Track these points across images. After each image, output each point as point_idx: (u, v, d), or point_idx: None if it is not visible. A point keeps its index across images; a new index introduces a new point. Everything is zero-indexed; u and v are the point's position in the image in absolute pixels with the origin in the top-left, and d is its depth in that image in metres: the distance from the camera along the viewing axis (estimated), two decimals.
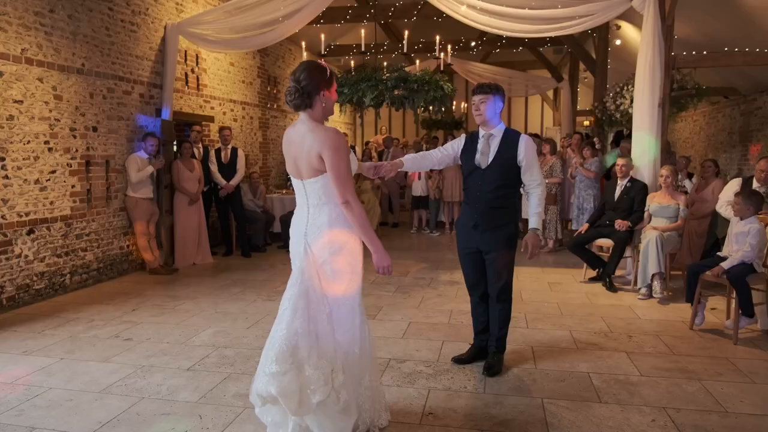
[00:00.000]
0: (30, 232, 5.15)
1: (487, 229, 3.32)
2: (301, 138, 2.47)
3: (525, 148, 3.26)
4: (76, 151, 5.67)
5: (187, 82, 7.62)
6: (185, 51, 7.52)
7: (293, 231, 2.66)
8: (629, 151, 7.71)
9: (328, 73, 2.49)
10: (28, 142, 5.11)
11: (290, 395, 2.26)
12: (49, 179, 5.34)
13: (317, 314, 2.42)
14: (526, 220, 8.40)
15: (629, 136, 8.14)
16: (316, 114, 2.49)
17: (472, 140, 3.44)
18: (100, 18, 5.95)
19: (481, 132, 3.38)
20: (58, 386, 3.35)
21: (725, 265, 4.15)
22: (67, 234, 5.57)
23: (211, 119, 8.20)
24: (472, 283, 3.56)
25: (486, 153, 3.32)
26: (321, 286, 2.48)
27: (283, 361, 2.29)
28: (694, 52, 6.38)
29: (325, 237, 2.50)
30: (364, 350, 2.59)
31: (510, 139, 3.30)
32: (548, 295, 5.42)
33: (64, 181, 5.53)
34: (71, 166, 5.61)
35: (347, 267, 2.55)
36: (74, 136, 5.63)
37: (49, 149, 5.34)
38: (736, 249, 4.21)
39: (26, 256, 5.11)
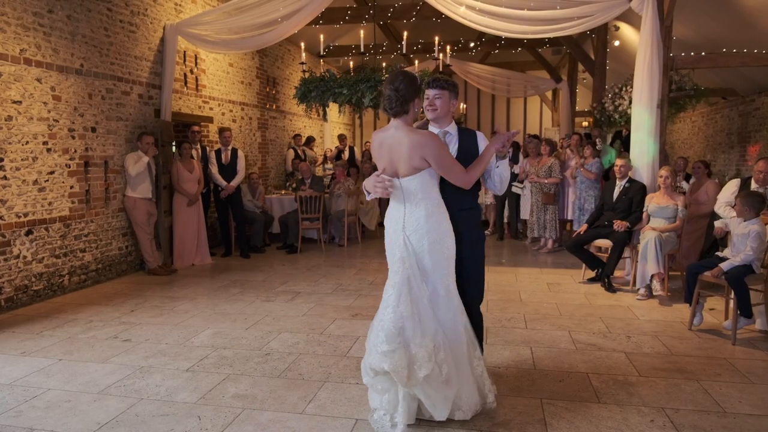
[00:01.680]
0: (28, 232, 5.14)
1: (458, 231, 3.02)
2: (398, 142, 2.78)
3: (483, 142, 3.06)
4: (75, 151, 5.66)
5: (186, 83, 7.62)
6: (184, 51, 7.52)
7: (389, 225, 2.93)
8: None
9: (419, 82, 2.82)
10: (27, 142, 5.10)
11: (400, 370, 2.59)
12: (47, 180, 5.33)
13: (419, 298, 2.71)
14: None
15: (621, 135, 8.17)
16: (408, 119, 2.81)
17: None
18: (99, 18, 5.94)
19: (435, 129, 3.08)
20: (56, 387, 3.35)
21: (724, 266, 4.15)
22: (65, 235, 5.56)
23: (210, 120, 8.20)
24: None
25: None
26: (420, 273, 2.76)
27: (392, 340, 2.62)
28: (692, 53, 6.39)
29: (423, 229, 2.78)
30: (467, 328, 2.86)
31: (467, 136, 3.09)
32: (547, 296, 5.42)
33: (63, 182, 5.52)
34: (70, 167, 5.60)
35: (443, 255, 2.81)
36: (73, 137, 5.63)
37: (48, 150, 5.34)
38: (736, 251, 4.21)
39: (25, 257, 5.10)
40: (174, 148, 7.30)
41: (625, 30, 9.82)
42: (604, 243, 5.79)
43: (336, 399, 3.17)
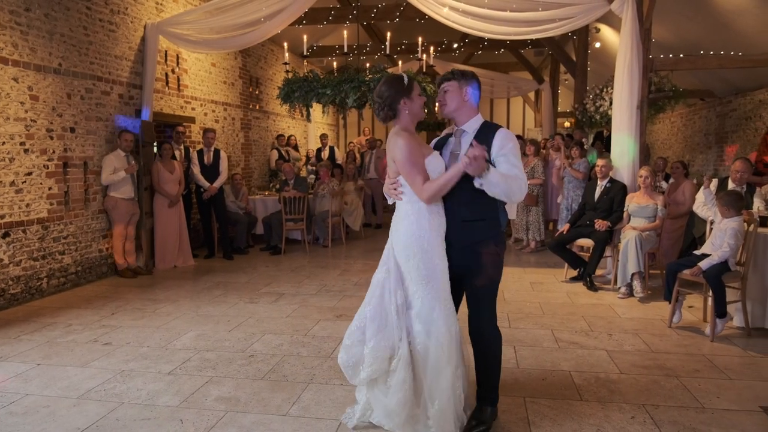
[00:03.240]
0: (5, 235, 5.03)
1: (462, 247, 2.70)
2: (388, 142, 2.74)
3: (501, 141, 2.62)
4: (53, 152, 5.57)
5: (167, 83, 7.54)
6: (165, 51, 7.44)
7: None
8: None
9: (406, 81, 2.68)
10: (3, 143, 5.00)
11: (349, 366, 2.71)
12: (25, 181, 5.24)
13: (388, 304, 2.67)
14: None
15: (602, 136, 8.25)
16: (403, 122, 2.70)
17: (443, 140, 2.86)
18: (78, 17, 5.85)
19: (455, 128, 2.80)
20: (34, 392, 3.28)
21: (703, 265, 4.22)
22: (44, 237, 5.46)
23: (192, 120, 8.12)
24: None
25: (456, 153, 2.71)
26: (396, 280, 2.67)
27: (351, 336, 2.72)
28: (671, 55, 6.50)
29: (399, 231, 2.70)
30: (440, 347, 2.59)
31: (485, 134, 2.66)
32: (530, 295, 5.47)
33: (41, 183, 5.42)
34: (48, 168, 5.50)
35: (414, 264, 2.65)
36: (51, 137, 5.53)
37: (25, 150, 5.24)
38: (714, 248, 4.29)
39: (1, 260, 5.00)
40: (155, 149, 7.22)
41: (606, 32, 9.95)
42: (586, 242, 5.86)
43: (320, 400, 3.16)
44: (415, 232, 2.63)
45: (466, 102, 2.70)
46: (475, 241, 2.68)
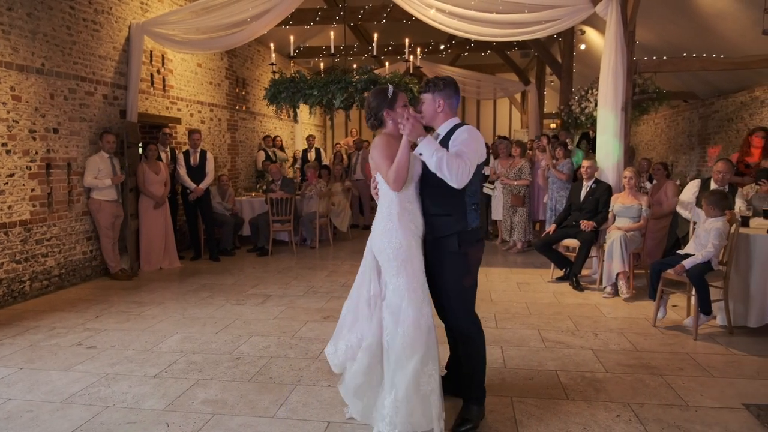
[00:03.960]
0: None
1: (430, 242, 2.81)
2: None
3: (457, 134, 2.72)
4: (36, 153, 5.49)
5: (152, 83, 7.47)
6: (150, 51, 7.37)
7: None
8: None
9: (390, 93, 2.83)
10: None
11: (330, 354, 2.89)
12: (6, 183, 5.16)
13: (359, 297, 2.83)
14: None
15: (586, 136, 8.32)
16: (389, 129, 2.85)
17: None
18: (61, 17, 5.78)
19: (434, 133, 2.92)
20: (16, 397, 3.23)
21: (687, 264, 4.28)
22: (26, 239, 5.38)
23: (177, 121, 8.05)
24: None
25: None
26: (370, 272, 2.82)
27: (336, 329, 2.91)
28: (654, 57, 6.57)
29: (376, 231, 2.82)
30: (405, 337, 2.62)
31: (450, 133, 2.77)
32: (517, 295, 5.50)
33: (23, 185, 5.34)
34: (30, 169, 5.42)
35: (386, 256, 2.73)
36: (34, 138, 5.46)
37: (7, 152, 5.16)
38: (700, 246, 4.35)
39: None
40: (140, 150, 7.15)
41: (591, 34, 10.05)
42: (572, 243, 5.91)
43: (308, 402, 3.16)
44: (386, 225, 2.77)
45: (440, 112, 2.84)
46: (440, 237, 2.79)
